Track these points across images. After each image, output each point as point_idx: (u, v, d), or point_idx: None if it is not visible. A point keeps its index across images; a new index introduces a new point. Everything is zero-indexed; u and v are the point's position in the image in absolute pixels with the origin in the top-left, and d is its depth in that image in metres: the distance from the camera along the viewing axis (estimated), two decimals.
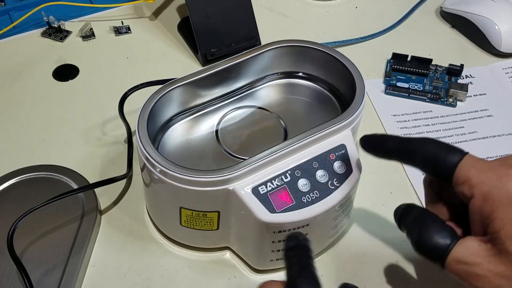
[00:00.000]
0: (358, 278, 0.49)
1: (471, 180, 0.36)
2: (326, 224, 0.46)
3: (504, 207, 0.35)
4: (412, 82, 0.65)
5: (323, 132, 0.45)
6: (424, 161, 0.39)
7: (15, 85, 0.64)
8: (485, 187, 0.36)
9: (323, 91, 0.54)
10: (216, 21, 0.65)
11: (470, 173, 0.36)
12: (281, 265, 0.48)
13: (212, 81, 0.51)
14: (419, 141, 0.40)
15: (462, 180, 0.37)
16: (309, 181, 0.44)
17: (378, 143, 0.42)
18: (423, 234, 0.37)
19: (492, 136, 0.60)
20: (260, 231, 0.44)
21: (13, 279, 0.46)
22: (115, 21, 0.72)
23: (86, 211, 0.50)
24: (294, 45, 0.53)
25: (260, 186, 0.43)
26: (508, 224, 0.34)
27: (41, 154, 0.57)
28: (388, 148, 0.41)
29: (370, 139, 0.43)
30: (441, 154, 0.38)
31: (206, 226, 0.46)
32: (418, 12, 0.75)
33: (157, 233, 0.51)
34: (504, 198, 0.35)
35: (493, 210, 0.35)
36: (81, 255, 0.48)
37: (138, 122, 0.45)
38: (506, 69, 0.67)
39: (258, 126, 0.52)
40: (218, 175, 0.42)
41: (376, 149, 0.42)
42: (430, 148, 0.38)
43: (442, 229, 0.37)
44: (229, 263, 0.49)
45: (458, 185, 0.37)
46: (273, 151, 0.44)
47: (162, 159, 0.43)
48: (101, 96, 0.63)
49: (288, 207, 0.43)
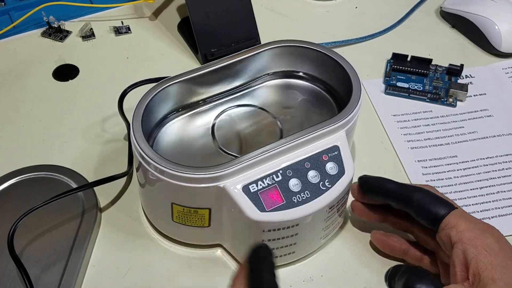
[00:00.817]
0: (358, 278, 0.49)
1: (459, 226, 0.41)
2: (317, 225, 0.46)
3: (487, 254, 0.39)
4: (412, 82, 0.65)
5: (317, 133, 0.46)
6: (418, 207, 0.44)
7: (15, 85, 0.64)
8: (471, 233, 0.41)
9: (320, 91, 0.54)
10: (216, 21, 0.65)
11: (459, 220, 0.42)
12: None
13: (209, 79, 0.51)
14: (415, 188, 0.45)
15: (451, 225, 0.42)
16: (301, 181, 0.44)
17: (376, 185, 0.47)
18: (412, 282, 0.43)
19: (492, 136, 0.60)
20: (250, 229, 0.44)
21: (13, 279, 0.46)
22: (115, 21, 0.72)
23: (86, 210, 0.50)
24: (291, 45, 0.53)
25: (251, 185, 0.44)
26: (489, 268, 0.39)
27: (41, 154, 0.57)
28: (386, 191, 0.46)
29: (369, 181, 0.47)
30: (434, 203, 0.43)
31: (197, 222, 0.46)
32: (418, 12, 0.75)
33: (157, 233, 0.51)
34: (486, 247, 0.40)
35: (477, 253, 0.39)
36: (81, 254, 0.48)
37: (133, 118, 0.46)
38: (506, 69, 0.67)
39: (254, 125, 0.52)
40: (208, 172, 0.43)
41: (373, 190, 0.47)
42: (425, 196, 0.44)
43: (430, 279, 0.43)
44: (230, 263, 0.49)
45: (447, 229, 0.42)
46: (265, 150, 0.44)
47: (154, 154, 0.44)
48: (101, 96, 0.63)
49: (278, 206, 0.43)
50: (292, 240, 0.46)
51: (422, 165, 0.57)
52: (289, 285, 0.48)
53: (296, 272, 0.49)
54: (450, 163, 0.57)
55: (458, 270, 0.40)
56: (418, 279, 0.43)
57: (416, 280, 0.43)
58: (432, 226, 0.43)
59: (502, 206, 0.54)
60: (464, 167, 0.57)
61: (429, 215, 0.43)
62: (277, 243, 0.45)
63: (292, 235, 0.45)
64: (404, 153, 0.58)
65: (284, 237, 0.45)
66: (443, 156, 0.58)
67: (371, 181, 0.47)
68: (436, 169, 0.56)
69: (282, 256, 0.47)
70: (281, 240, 0.45)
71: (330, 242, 0.51)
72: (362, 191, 0.47)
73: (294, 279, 0.48)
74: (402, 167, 0.57)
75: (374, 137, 0.60)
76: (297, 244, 0.47)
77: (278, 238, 0.45)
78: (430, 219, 0.43)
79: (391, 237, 0.48)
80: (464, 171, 0.56)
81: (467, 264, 0.40)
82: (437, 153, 0.58)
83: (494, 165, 0.57)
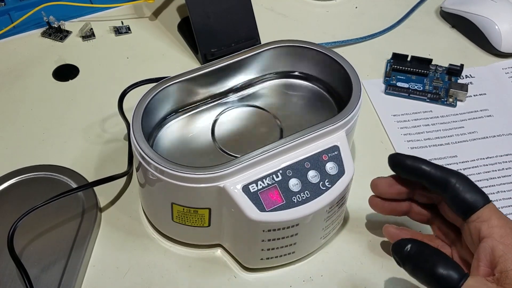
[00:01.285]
0: (358, 278, 0.49)
1: (492, 221, 0.41)
2: (316, 225, 0.46)
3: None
4: (412, 82, 0.65)
5: (316, 133, 0.46)
6: (455, 193, 0.43)
7: (15, 85, 0.64)
8: (503, 231, 0.40)
9: (320, 91, 0.54)
10: (216, 21, 0.65)
11: (493, 216, 0.41)
12: (272, 264, 0.48)
13: (209, 80, 0.51)
14: (452, 172, 0.44)
15: (484, 219, 0.41)
16: (300, 181, 0.44)
17: (411, 164, 0.45)
18: (437, 266, 0.40)
19: (492, 136, 0.60)
20: (250, 229, 0.44)
21: (13, 279, 0.46)
22: (115, 21, 0.72)
23: (86, 210, 0.50)
24: (291, 45, 0.53)
25: (250, 185, 0.44)
26: None
27: (41, 154, 0.57)
28: (423, 171, 0.44)
29: (403, 159, 0.45)
30: (472, 192, 0.43)
31: (197, 222, 0.46)
32: (418, 12, 0.75)
33: (157, 233, 0.51)
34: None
35: (507, 251, 0.39)
36: (81, 254, 0.48)
37: (133, 118, 0.46)
38: (506, 69, 0.67)
39: (254, 125, 0.52)
40: (208, 172, 0.43)
41: (408, 169, 0.45)
42: (463, 184, 0.43)
43: (454, 263, 0.40)
44: (230, 262, 0.50)
45: (478, 222, 0.41)
46: (265, 150, 0.44)
47: (154, 154, 0.44)
48: (101, 96, 0.63)
49: (278, 206, 0.43)
50: (292, 240, 0.46)
51: None
52: (289, 285, 0.48)
53: (296, 272, 0.49)
54: (450, 163, 0.57)
55: (482, 264, 0.40)
56: (444, 262, 0.40)
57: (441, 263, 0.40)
58: (463, 215, 0.43)
59: (502, 206, 0.54)
60: (464, 167, 0.57)
61: (464, 203, 0.42)
62: (277, 243, 0.45)
63: (292, 235, 0.45)
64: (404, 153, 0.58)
65: (284, 237, 0.45)
66: (443, 156, 0.58)
67: (405, 160, 0.45)
68: None
69: (282, 256, 0.47)
70: (281, 240, 0.45)
71: (330, 242, 0.51)
72: (395, 170, 0.46)
73: (294, 279, 0.49)
74: None
75: (374, 137, 0.60)
76: (297, 244, 0.47)
77: (278, 238, 0.45)
78: (463, 207, 0.42)
79: (404, 230, 0.48)
80: (464, 171, 0.56)
81: (494, 261, 0.39)
82: (437, 153, 0.58)
83: (494, 165, 0.57)
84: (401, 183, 0.47)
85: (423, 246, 0.42)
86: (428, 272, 0.40)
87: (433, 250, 0.41)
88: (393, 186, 0.47)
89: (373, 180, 0.48)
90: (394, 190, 0.47)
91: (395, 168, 0.46)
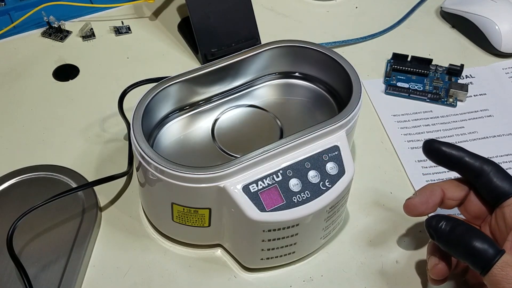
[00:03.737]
0: (358, 278, 0.49)
1: None
2: (317, 225, 0.46)
3: None
4: (412, 82, 0.65)
5: (317, 133, 0.46)
6: (489, 179, 0.44)
7: (15, 85, 0.64)
8: None
9: (320, 92, 0.54)
10: (216, 21, 0.65)
11: None
12: (272, 264, 0.48)
13: (209, 80, 0.51)
14: (485, 159, 0.44)
15: None
16: (301, 181, 0.44)
17: (443, 151, 0.45)
18: (474, 240, 0.40)
19: (492, 136, 0.60)
20: (250, 229, 0.44)
21: (13, 279, 0.46)
22: (115, 21, 0.72)
23: (86, 210, 0.50)
24: (292, 45, 0.53)
25: (251, 185, 0.44)
26: None
27: (41, 154, 0.57)
28: (456, 158, 0.45)
29: (438, 145, 0.46)
30: (507, 179, 0.43)
31: (197, 222, 0.46)
32: (418, 12, 0.75)
33: (157, 233, 0.51)
34: None
35: None
36: (81, 254, 0.48)
37: (133, 118, 0.46)
38: (506, 69, 0.67)
39: (254, 125, 0.52)
40: (208, 172, 0.43)
41: (440, 155, 0.46)
42: (497, 170, 0.44)
43: (490, 239, 0.40)
44: (230, 262, 0.49)
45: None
46: (265, 150, 0.44)
47: (154, 154, 0.44)
48: (101, 96, 0.63)
49: (278, 206, 0.43)
50: (292, 240, 0.46)
51: (422, 165, 0.57)
52: (289, 285, 0.48)
53: (296, 272, 0.49)
54: None
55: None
56: (481, 237, 0.40)
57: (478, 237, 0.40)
58: (494, 201, 0.44)
59: None
60: None
61: (497, 190, 0.43)
62: (277, 243, 0.45)
63: (292, 235, 0.45)
64: (404, 153, 0.58)
65: (284, 237, 0.45)
66: None
67: (441, 146, 0.46)
68: (436, 169, 0.56)
69: (282, 256, 0.47)
70: (281, 240, 0.45)
71: (330, 242, 0.51)
72: (429, 156, 0.47)
73: (294, 279, 0.49)
74: (402, 167, 0.57)
75: (374, 137, 0.60)
76: (297, 244, 0.47)
77: (278, 238, 0.45)
78: (496, 194, 0.43)
79: None
80: None
81: None
82: None
83: None
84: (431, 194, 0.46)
85: (458, 221, 0.42)
86: (464, 245, 0.40)
87: (469, 226, 0.42)
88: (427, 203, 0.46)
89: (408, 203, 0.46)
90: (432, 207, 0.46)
91: (429, 154, 0.47)
